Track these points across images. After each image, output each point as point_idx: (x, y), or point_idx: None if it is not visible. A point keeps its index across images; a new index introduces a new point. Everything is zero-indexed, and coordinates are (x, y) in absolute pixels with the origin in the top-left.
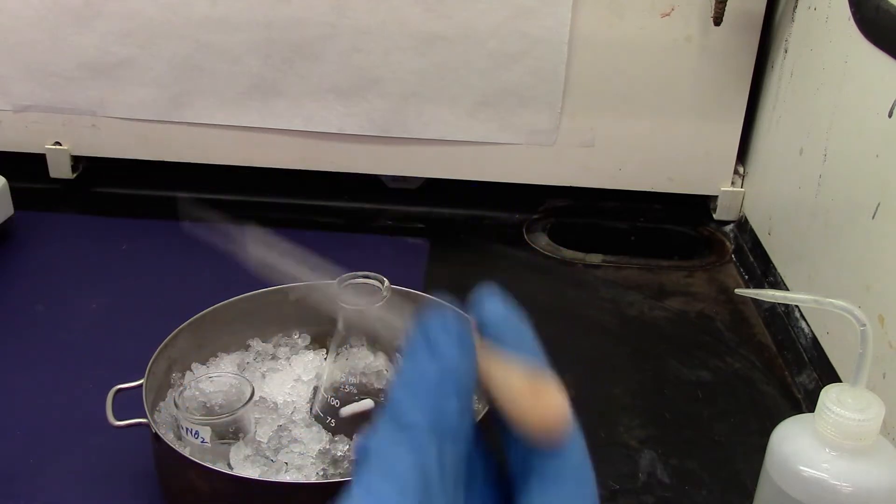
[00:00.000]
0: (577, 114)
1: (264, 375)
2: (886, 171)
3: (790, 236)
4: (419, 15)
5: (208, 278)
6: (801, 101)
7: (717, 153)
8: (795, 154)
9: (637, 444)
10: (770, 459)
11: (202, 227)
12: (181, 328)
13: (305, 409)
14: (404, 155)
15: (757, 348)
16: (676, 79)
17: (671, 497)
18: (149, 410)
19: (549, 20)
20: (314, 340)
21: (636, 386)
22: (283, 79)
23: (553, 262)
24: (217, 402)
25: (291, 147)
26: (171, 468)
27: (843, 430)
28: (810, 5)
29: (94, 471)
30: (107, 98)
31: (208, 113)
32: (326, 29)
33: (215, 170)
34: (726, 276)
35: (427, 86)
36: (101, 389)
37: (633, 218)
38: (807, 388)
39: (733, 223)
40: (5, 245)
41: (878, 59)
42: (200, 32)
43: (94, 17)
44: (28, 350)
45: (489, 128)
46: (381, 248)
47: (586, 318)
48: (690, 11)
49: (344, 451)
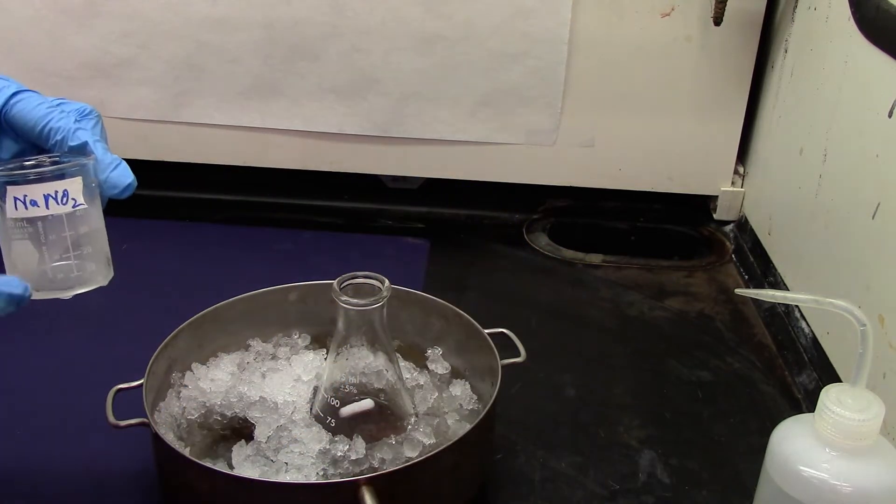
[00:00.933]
0: (577, 114)
1: (264, 375)
2: (886, 171)
3: (790, 236)
4: (419, 15)
5: (208, 278)
6: (801, 101)
7: (717, 153)
8: (795, 154)
9: (637, 444)
10: (770, 459)
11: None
12: (181, 328)
13: (305, 409)
14: (404, 155)
15: (757, 348)
16: (676, 79)
17: (671, 497)
18: (149, 410)
19: (549, 20)
20: (314, 340)
21: (636, 386)
22: (283, 79)
23: (553, 262)
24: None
25: (291, 147)
26: (171, 468)
27: (843, 430)
28: (810, 5)
29: (94, 471)
30: (107, 98)
31: (208, 113)
32: (326, 29)
33: (215, 170)
34: (726, 276)
35: (427, 86)
36: (101, 389)
37: (633, 218)
38: (807, 388)
39: (733, 223)
40: None
41: (878, 59)
42: (200, 32)
43: (94, 17)
44: (28, 350)
45: (489, 128)
46: (381, 248)
47: (586, 318)
48: (690, 11)
49: (344, 451)
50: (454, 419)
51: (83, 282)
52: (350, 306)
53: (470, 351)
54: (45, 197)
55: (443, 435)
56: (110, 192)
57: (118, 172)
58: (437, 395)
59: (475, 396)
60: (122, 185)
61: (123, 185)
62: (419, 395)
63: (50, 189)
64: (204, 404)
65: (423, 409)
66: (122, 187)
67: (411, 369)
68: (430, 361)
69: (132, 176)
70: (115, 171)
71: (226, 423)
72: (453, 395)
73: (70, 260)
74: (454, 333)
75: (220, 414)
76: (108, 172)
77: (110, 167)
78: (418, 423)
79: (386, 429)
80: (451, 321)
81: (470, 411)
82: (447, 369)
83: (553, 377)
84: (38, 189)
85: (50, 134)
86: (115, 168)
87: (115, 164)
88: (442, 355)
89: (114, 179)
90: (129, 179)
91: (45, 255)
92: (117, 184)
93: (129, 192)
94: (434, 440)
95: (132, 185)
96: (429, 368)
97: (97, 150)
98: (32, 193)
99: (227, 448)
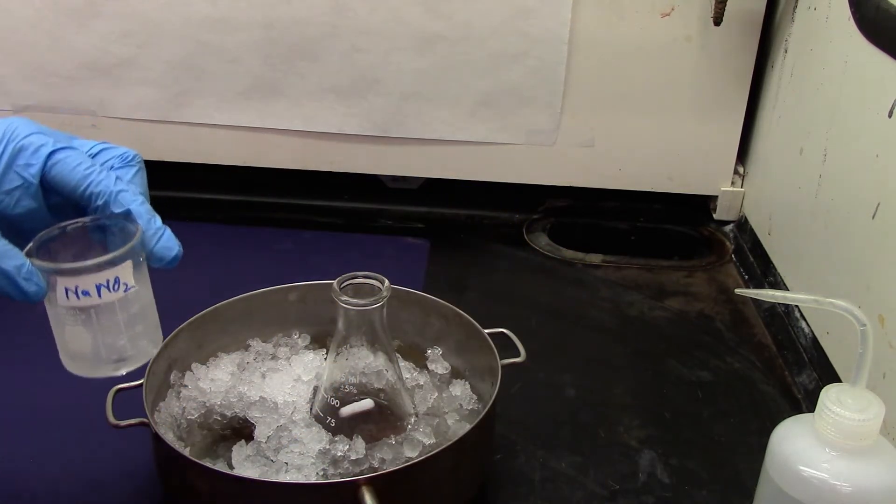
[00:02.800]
0: (577, 114)
1: (264, 375)
2: (886, 171)
3: (790, 236)
4: (419, 15)
5: (208, 278)
6: (801, 101)
7: (717, 153)
8: (795, 154)
9: (637, 444)
10: (770, 459)
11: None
12: (181, 328)
13: (305, 409)
14: (404, 155)
15: (757, 348)
16: (676, 79)
17: (671, 497)
18: (149, 410)
19: (549, 20)
20: (314, 340)
21: (636, 386)
22: (283, 79)
23: (553, 262)
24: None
25: (291, 147)
26: (171, 468)
27: (843, 430)
28: (810, 5)
29: (94, 471)
30: (107, 98)
31: (208, 113)
32: (326, 29)
33: (215, 170)
34: (726, 276)
35: (427, 86)
36: (101, 389)
37: (633, 218)
38: (807, 388)
39: (733, 223)
40: None
41: (878, 59)
42: (200, 32)
43: (94, 17)
44: (28, 350)
45: (489, 128)
46: (381, 248)
47: (586, 318)
48: (690, 11)
49: (344, 451)
50: (454, 419)
51: (135, 359)
52: (350, 306)
53: (470, 351)
54: (96, 287)
55: (443, 435)
56: (157, 265)
57: (163, 245)
58: (437, 395)
59: (475, 396)
60: (169, 257)
61: (170, 258)
62: (419, 395)
63: (101, 278)
64: (204, 404)
65: (423, 409)
66: (168, 259)
67: (411, 369)
68: (430, 361)
69: (178, 245)
70: (161, 242)
71: (226, 423)
72: (453, 395)
73: (123, 340)
74: (454, 333)
75: (220, 414)
76: (153, 245)
77: (155, 238)
78: (418, 423)
79: (386, 429)
80: (451, 321)
81: (470, 411)
82: (447, 369)
83: (553, 377)
84: (89, 279)
85: (91, 198)
86: (159, 239)
87: (160, 234)
88: (442, 355)
89: (160, 252)
90: (175, 251)
91: (99, 340)
92: (164, 256)
93: (176, 263)
94: (434, 440)
95: (178, 255)
96: (429, 368)
97: (141, 219)
98: (84, 284)
99: (227, 448)
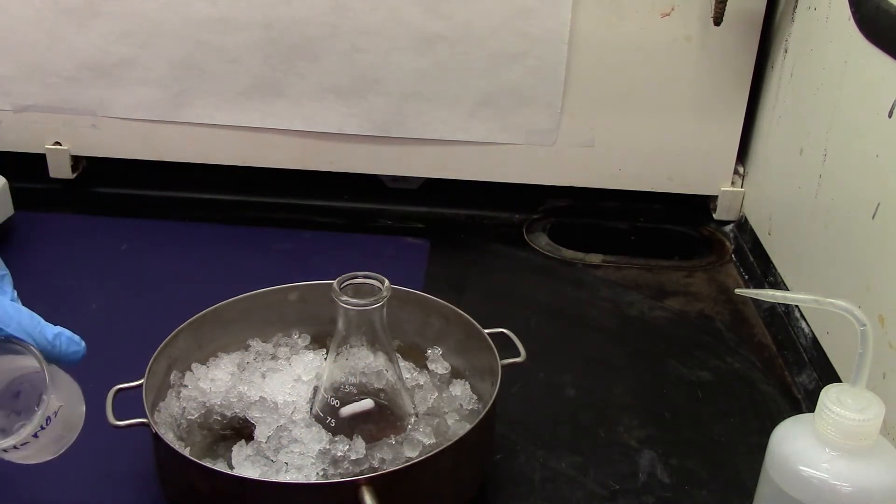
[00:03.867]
0: (577, 114)
1: (264, 375)
2: (886, 171)
3: (790, 236)
4: (419, 15)
5: (208, 278)
6: (801, 101)
7: (717, 153)
8: (795, 154)
9: (637, 444)
10: (770, 459)
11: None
12: (181, 328)
13: (305, 409)
14: (404, 155)
15: (757, 348)
16: (676, 79)
17: (671, 497)
18: (149, 410)
19: (549, 20)
20: (314, 340)
21: (636, 386)
22: (283, 79)
23: (553, 262)
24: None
25: (291, 147)
26: (171, 468)
27: (843, 430)
28: (810, 5)
29: (94, 471)
30: (107, 98)
31: (208, 113)
32: (326, 29)
33: (215, 170)
34: (726, 276)
35: (427, 86)
36: (101, 389)
37: (633, 218)
38: (807, 388)
39: (733, 223)
40: (5, 245)
41: (878, 59)
42: (200, 32)
43: (94, 17)
44: None
45: (489, 128)
46: (381, 248)
47: (586, 318)
48: (690, 11)
49: (344, 451)
50: (454, 419)
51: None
52: (350, 306)
53: (470, 351)
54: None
55: (443, 435)
56: (69, 364)
57: (65, 350)
58: (437, 395)
59: (475, 396)
60: (78, 357)
61: (79, 357)
62: (419, 395)
63: (29, 437)
64: (204, 404)
65: (423, 409)
66: (78, 358)
67: (411, 369)
68: (430, 361)
69: (80, 343)
70: (62, 348)
71: (226, 423)
72: (453, 395)
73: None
74: (454, 333)
75: (220, 414)
76: (58, 351)
77: (55, 346)
78: (418, 423)
79: (386, 429)
80: (451, 321)
81: (470, 411)
82: (447, 369)
83: (553, 377)
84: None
85: None
86: (59, 345)
87: (57, 341)
88: (442, 355)
89: (69, 357)
90: (78, 347)
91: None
92: (73, 360)
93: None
94: (434, 440)
95: (81, 351)
96: (429, 368)
97: (30, 338)
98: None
99: (227, 448)
